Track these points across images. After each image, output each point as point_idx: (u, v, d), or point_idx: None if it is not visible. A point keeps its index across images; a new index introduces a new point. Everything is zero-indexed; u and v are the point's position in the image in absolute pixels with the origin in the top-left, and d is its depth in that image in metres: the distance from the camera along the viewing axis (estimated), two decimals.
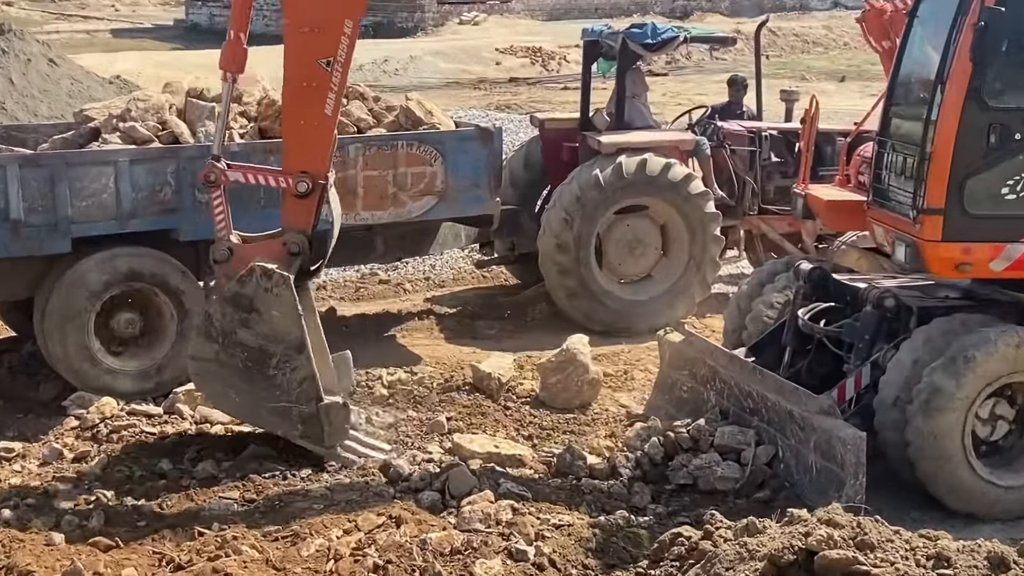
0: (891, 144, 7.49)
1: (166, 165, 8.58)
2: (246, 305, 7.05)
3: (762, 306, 8.38)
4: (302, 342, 7.07)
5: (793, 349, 7.89)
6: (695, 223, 10.64)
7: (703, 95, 22.35)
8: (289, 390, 7.14)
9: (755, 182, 11.39)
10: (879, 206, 7.58)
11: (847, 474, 6.49)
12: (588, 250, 10.49)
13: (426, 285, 12.14)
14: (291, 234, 7.15)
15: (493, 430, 8.04)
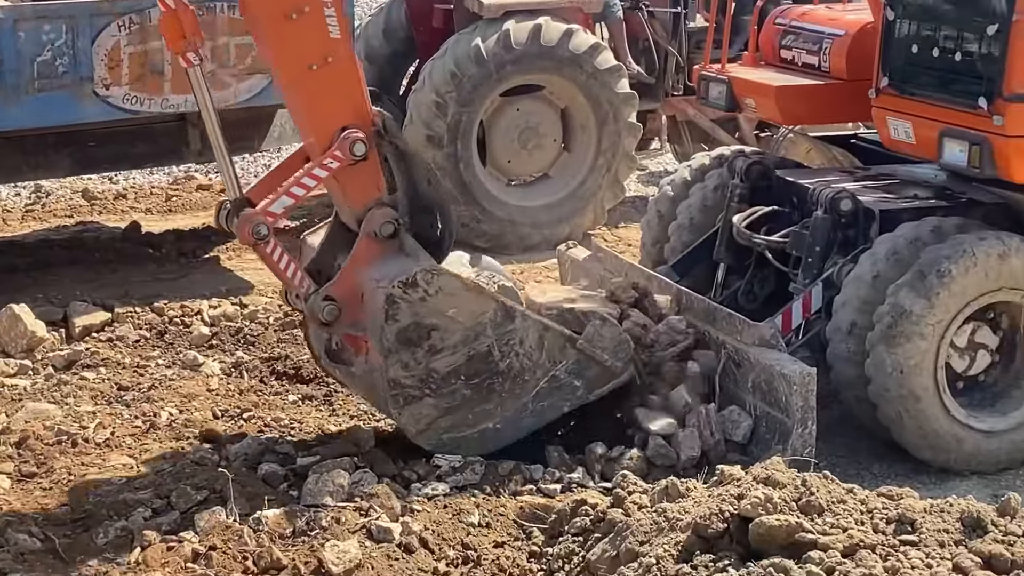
0: (914, 9, 7.50)
1: None
2: (419, 335, 6.70)
3: (688, 212, 8.48)
4: (505, 309, 6.84)
5: (728, 266, 8.01)
6: (605, 107, 10.71)
7: None
8: (536, 363, 6.92)
9: (680, 54, 11.48)
10: (901, 92, 7.58)
11: (793, 421, 6.60)
12: (468, 143, 10.52)
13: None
14: (374, 215, 6.75)
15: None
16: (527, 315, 6.91)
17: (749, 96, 8.45)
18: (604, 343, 6.95)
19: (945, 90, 7.37)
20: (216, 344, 8.63)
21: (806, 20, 8.41)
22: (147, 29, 8.98)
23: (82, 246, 10.50)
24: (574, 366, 6.94)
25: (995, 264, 7.00)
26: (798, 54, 8.32)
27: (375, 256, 6.76)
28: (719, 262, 8.05)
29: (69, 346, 8.52)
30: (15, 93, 8.67)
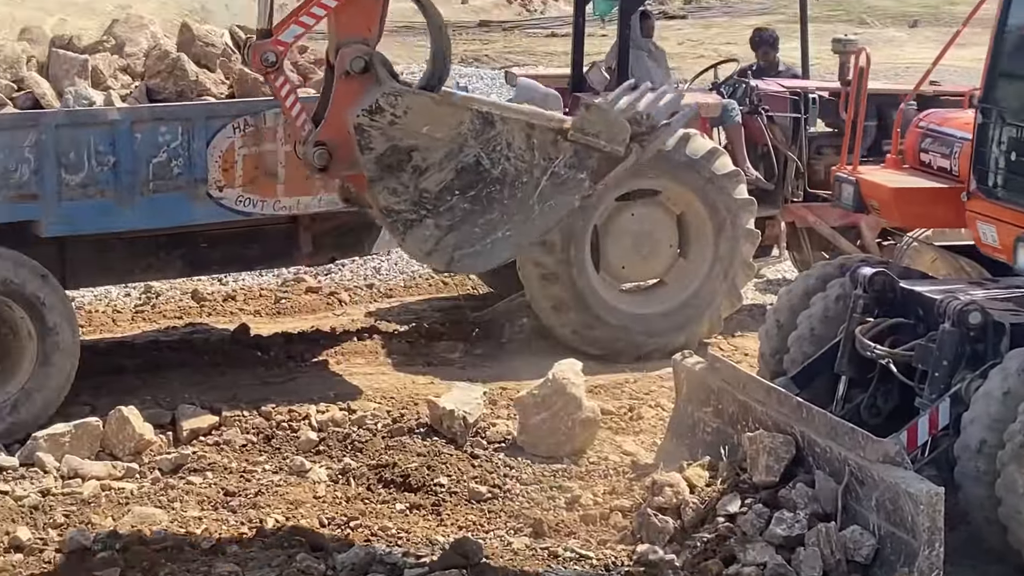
0: (1002, 114, 7.50)
1: (24, 136, 8.57)
2: (399, 158, 6.82)
3: (809, 323, 8.42)
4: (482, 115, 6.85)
5: (850, 379, 7.92)
6: (722, 213, 10.69)
7: (732, 44, 22.45)
8: (530, 163, 6.91)
9: (800, 159, 11.45)
10: (988, 196, 7.57)
11: (919, 542, 6.48)
12: (581, 248, 10.53)
13: (368, 295, 12.17)
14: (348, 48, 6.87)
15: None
16: (507, 117, 6.87)
17: (873, 198, 8.43)
18: (596, 128, 6.88)
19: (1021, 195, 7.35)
20: (323, 450, 8.66)
21: (945, 124, 8.41)
22: (261, 131, 9.11)
23: (191, 348, 10.60)
24: (572, 159, 6.89)
25: None
26: (934, 158, 8.31)
27: (355, 93, 6.83)
28: (841, 375, 7.96)
29: (176, 449, 8.59)
30: (130, 194, 8.81)
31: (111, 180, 8.78)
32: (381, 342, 10.84)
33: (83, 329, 10.00)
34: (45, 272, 8.76)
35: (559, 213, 6.99)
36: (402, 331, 11.15)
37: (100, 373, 9.64)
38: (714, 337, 10.96)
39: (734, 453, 7.65)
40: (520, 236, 6.98)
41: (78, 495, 7.85)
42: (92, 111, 8.84)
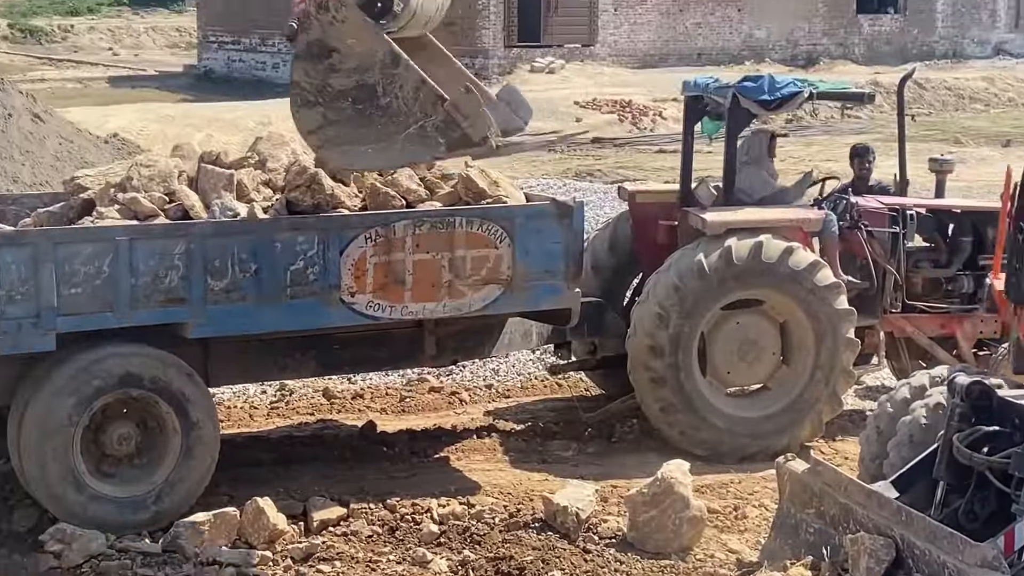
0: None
1: (174, 245, 8.73)
2: (321, 50, 7.81)
3: (908, 429, 8.30)
4: (393, 54, 7.73)
5: (948, 484, 7.77)
6: (823, 322, 10.61)
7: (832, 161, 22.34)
8: (410, 109, 7.77)
9: (898, 272, 11.35)
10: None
11: None
12: (689, 354, 10.48)
13: (487, 395, 12.19)
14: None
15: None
16: (411, 66, 7.78)
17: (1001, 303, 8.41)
18: (466, 111, 7.76)
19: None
20: (444, 542, 8.65)
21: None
22: (391, 242, 9.20)
23: (322, 443, 10.67)
24: (441, 124, 7.78)
25: None
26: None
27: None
28: (939, 480, 7.83)
29: (307, 539, 8.62)
30: (270, 299, 8.93)
31: (253, 286, 8.91)
32: (499, 440, 10.84)
33: (222, 424, 10.10)
34: (190, 371, 8.89)
35: (411, 158, 8.21)
36: (518, 430, 11.15)
37: (238, 465, 9.74)
38: (815, 441, 10.84)
39: (836, 553, 7.55)
40: (376, 159, 8.12)
41: None
42: (236, 222, 9.00)
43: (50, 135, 18.06)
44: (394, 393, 12.04)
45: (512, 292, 9.66)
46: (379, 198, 9.49)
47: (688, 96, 11.69)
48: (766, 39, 42.12)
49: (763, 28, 42.11)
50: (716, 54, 39.92)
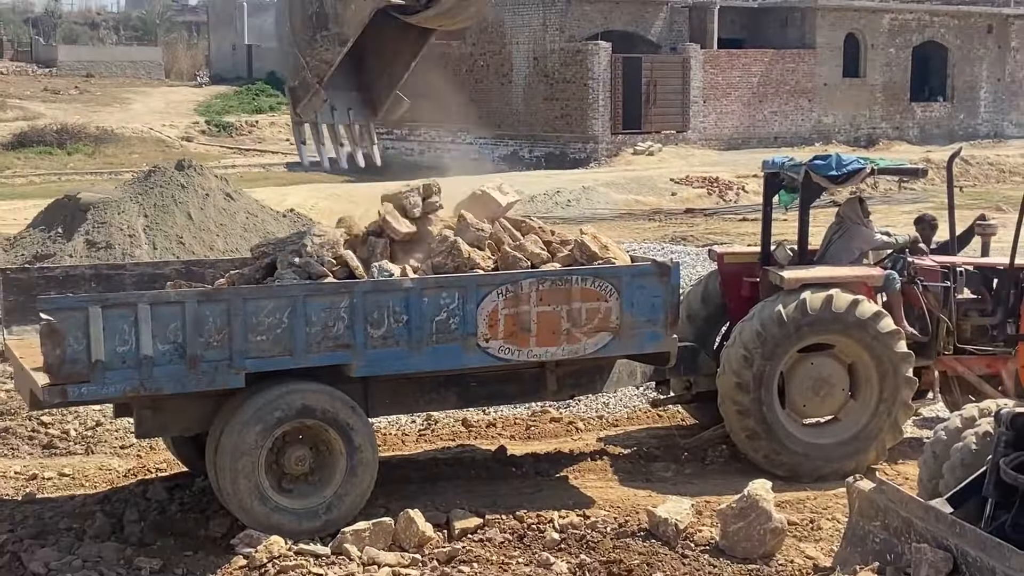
0: None
1: (340, 300, 8.82)
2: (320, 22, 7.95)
3: (960, 454, 8.12)
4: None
5: (996, 501, 7.58)
6: (886, 363, 10.44)
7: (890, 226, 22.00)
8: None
9: (949, 320, 11.13)
10: None
11: None
12: (770, 389, 10.37)
13: (599, 424, 12.13)
14: None
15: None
16: None
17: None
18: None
19: None
20: (564, 548, 8.60)
21: None
22: (519, 296, 9.22)
23: (460, 464, 10.70)
24: None
25: None
26: None
27: None
28: (988, 498, 7.64)
29: (450, 544, 8.63)
30: (419, 344, 8.99)
31: (405, 334, 8.97)
32: (609, 462, 10.78)
33: (380, 448, 10.17)
34: (354, 404, 8.98)
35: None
36: (625, 453, 11.08)
37: (393, 482, 9.80)
38: (879, 464, 10.63)
39: (899, 560, 7.39)
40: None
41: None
42: (391, 281, 9.08)
43: (239, 211, 18.45)
44: (521, 422, 12.04)
45: (620, 338, 9.63)
46: (508, 260, 9.54)
47: (767, 172, 11.61)
48: (832, 124, 41.71)
49: (830, 115, 41.71)
50: (790, 137, 39.60)
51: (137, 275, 10.06)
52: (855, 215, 11.27)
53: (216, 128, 48.97)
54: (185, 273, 10.04)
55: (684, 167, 33.78)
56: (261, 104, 53.34)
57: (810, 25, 41.23)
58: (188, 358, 8.41)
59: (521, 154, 37.73)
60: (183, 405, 8.79)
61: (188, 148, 41.54)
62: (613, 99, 37.05)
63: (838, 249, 11.14)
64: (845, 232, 11.20)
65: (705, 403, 11.20)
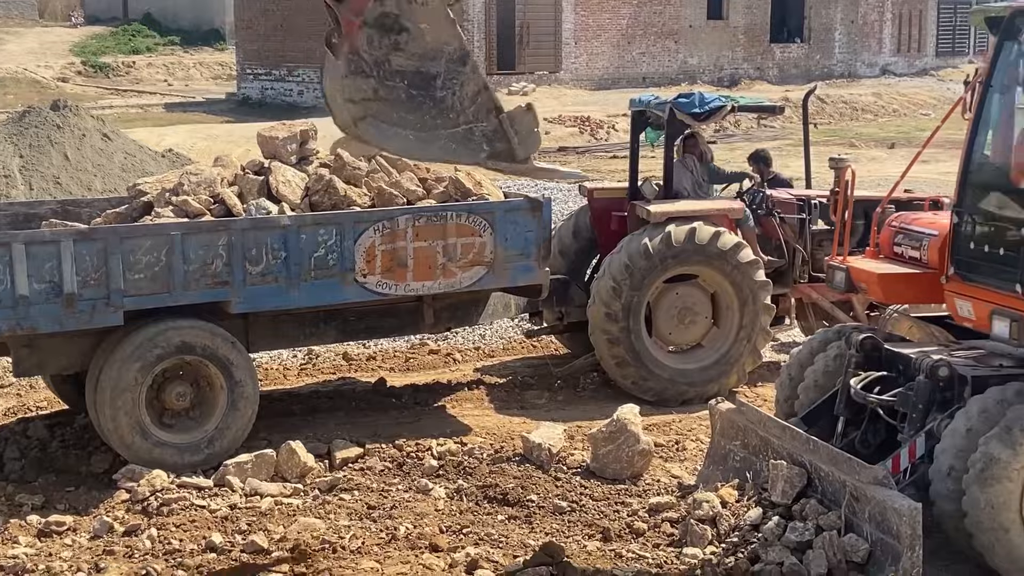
0: (972, 215, 7.39)
1: (218, 238, 8.68)
2: (393, 25, 6.38)
3: (814, 375, 8.32)
4: (464, 51, 6.43)
5: (846, 419, 7.81)
6: (745, 292, 10.62)
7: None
8: (464, 109, 6.54)
9: (805, 250, 11.36)
10: (963, 279, 7.45)
11: (903, 546, 6.38)
12: (638, 319, 10.49)
13: (476, 355, 12.17)
14: None
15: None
16: (478, 69, 6.46)
17: (862, 281, 8.29)
18: (518, 127, 6.50)
19: (994, 278, 7.20)
20: (442, 474, 8.65)
21: (913, 223, 8.29)
22: (396, 232, 9.15)
23: (341, 396, 10.64)
24: (490, 133, 6.53)
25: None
26: (906, 250, 8.17)
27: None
28: (839, 416, 7.85)
29: (331, 474, 8.61)
30: (297, 280, 8.89)
31: (283, 270, 8.87)
32: (485, 391, 10.83)
33: (261, 382, 10.07)
34: (234, 340, 8.86)
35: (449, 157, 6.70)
36: (501, 383, 11.14)
37: (274, 416, 9.72)
38: (740, 387, 10.85)
39: (757, 477, 7.58)
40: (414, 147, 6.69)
41: (257, 508, 7.90)
42: (269, 218, 8.95)
43: (117, 151, 17.93)
44: (400, 355, 12.02)
45: (494, 272, 9.65)
46: (384, 197, 9.45)
47: (634, 111, 11.66)
48: (697, 65, 42.06)
49: (695, 56, 42.05)
50: (658, 78, 39.85)
51: (11, 215, 9.74)
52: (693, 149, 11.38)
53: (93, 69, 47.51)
54: (61, 213, 9.74)
55: (557, 107, 33.78)
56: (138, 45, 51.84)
57: None
58: (65, 297, 8.21)
59: None
60: (61, 344, 8.58)
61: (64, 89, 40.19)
62: (488, 41, 36.85)
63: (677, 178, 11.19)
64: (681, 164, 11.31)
65: (577, 333, 11.29)
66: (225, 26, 52.42)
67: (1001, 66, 7.42)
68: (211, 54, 53.36)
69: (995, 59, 7.44)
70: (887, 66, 47.35)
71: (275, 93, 40.51)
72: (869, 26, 47.35)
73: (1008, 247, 7.08)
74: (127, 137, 19.24)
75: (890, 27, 47.64)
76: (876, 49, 47.48)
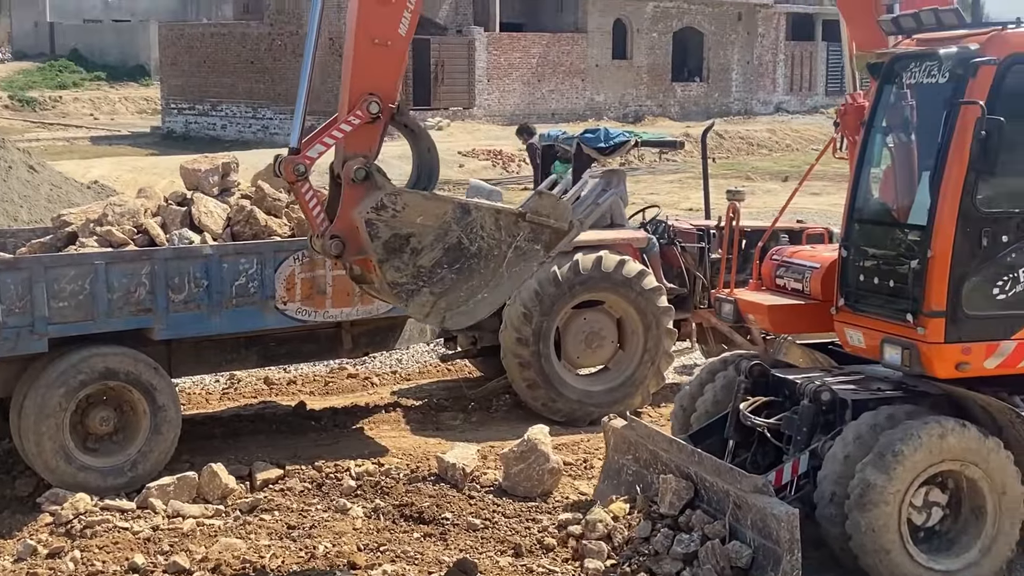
0: (859, 249, 7.43)
1: (141, 267, 8.55)
2: (399, 242, 6.42)
3: (704, 405, 8.28)
4: (461, 206, 6.50)
5: (736, 442, 7.79)
6: (649, 317, 10.70)
7: (654, 195, 22.64)
8: (499, 240, 6.55)
9: (704, 277, 11.49)
10: (853, 310, 7.48)
11: (783, 550, 6.43)
12: (547, 343, 10.51)
13: (393, 378, 12.10)
14: (352, 161, 6.50)
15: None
16: (480, 206, 6.56)
17: (751, 313, 8.30)
18: (547, 211, 6.64)
19: (884, 308, 7.25)
20: (360, 493, 8.56)
21: (794, 257, 8.33)
22: (315, 261, 9.07)
23: (262, 419, 10.51)
24: (530, 235, 6.61)
25: (937, 442, 6.83)
26: (788, 282, 8.19)
27: (359, 196, 6.47)
28: (729, 439, 7.87)
29: (252, 495, 8.47)
30: (219, 307, 8.78)
31: (205, 298, 8.75)
32: (402, 413, 10.77)
33: (184, 406, 9.92)
34: (156, 365, 8.71)
35: (523, 276, 6.76)
36: (417, 405, 11.09)
37: (196, 439, 9.56)
38: (645, 407, 10.92)
39: (648, 489, 7.58)
40: (495, 297, 6.70)
41: (179, 530, 7.75)
42: (191, 248, 8.85)
43: (43, 183, 17.61)
44: (320, 379, 11.92)
45: None
46: (304, 227, 9.38)
47: (544, 145, 11.73)
48: (604, 102, 42.50)
49: (601, 94, 42.48)
50: (566, 114, 40.17)
51: None
52: (608, 182, 11.47)
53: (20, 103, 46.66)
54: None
55: (471, 141, 33.88)
56: (65, 80, 51.07)
57: (582, 11, 41.83)
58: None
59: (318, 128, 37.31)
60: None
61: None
62: (404, 77, 36.95)
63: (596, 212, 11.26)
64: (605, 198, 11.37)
65: (489, 357, 11.28)
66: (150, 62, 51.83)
67: (882, 108, 7.55)
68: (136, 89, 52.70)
69: (876, 102, 7.57)
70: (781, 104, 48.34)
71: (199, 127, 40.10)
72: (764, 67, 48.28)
73: (896, 279, 7.13)
74: (53, 169, 18.92)
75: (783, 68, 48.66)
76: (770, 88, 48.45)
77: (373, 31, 6.51)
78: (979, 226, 6.79)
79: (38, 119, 44.27)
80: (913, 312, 6.93)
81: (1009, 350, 6.97)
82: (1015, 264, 6.87)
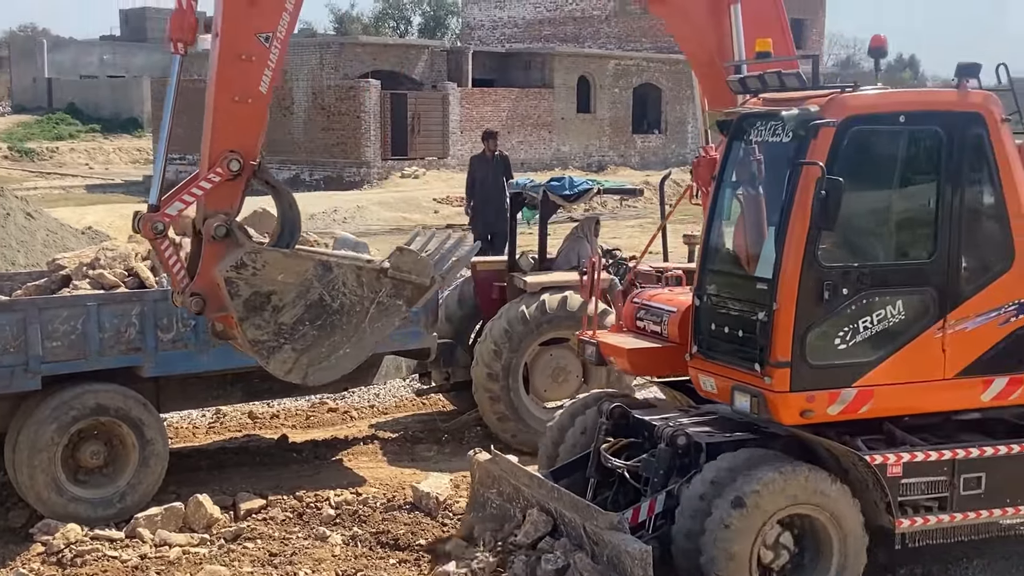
0: (711, 298, 7.26)
1: (132, 308, 8.49)
2: (260, 300, 6.21)
3: (573, 438, 8.04)
4: (323, 263, 6.28)
5: (597, 481, 7.57)
6: None
7: (616, 238, 22.71)
8: (361, 296, 6.35)
9: None
10: (705, 357, 7.28)
11: None
12: (516, 378, 10.48)
13: (371, 412, 12.02)
14: (213, 218, 6.28)
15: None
16: (342, 263, 6.34)
17: (611, 355, 8.04)
18: (408, 267, 6.43)
19: (734, 356, 7.05)
20: (339, 522, 8.48)
21: (652, 300, 8.13)
22: None
23: (246, 452, 10.42)
24: (392, 290, 6.41)
25: (791, 485, 6.70)
26: (648, 324, 7.98)
27: (220, 254, 6.26)
28: (590, 479, 7.62)
29: (236, 524, 8.38)
30: (205, 346, 8.70)
31: (192, 337, 8.69)
32: (379, 445, 10.70)
33: (171, 440, 9.81)
34: (145, 401, 8.63)
35: (385, 331, 6.56)
36: (394, 437, 11.03)
37: (183, 470, 9.45)
38: None
39: (511, 522, 7.41)
40: (358, 352, 6.51)
41: (166, 558, 7.66)
42: None
43: (39, 229, 17.45)
44: (302, 413, 11.83)
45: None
46: None
47: (512, 192, 11.75)
48: (569, 152, 42.74)
49: (567, 144, 42.74)
50: (534, 164, 40.35)
51: None
52: (585, 231, 11.50)
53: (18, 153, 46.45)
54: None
55: (445, 188, 33.97)
56: (61, 132, 50.90)
57: (549, 68, 42.14)
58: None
59: (303, 177, 37.20)
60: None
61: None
62: (383, 129, 36.97)
63: (565, 255, 11.34)
64: (573, 242, 11.43)
65: (462, 391, 11.24)
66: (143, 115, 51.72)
67: (731, 163, 7.36)
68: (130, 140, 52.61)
69: (726, 157, 7.38)
70: None
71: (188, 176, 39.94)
72: None
73: (745, 328, 6.93)
74: (49, 216, 18.77)
75: None
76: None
77: (234, 88, 6.26)
78: (821, 279, 6.62)
79: (36, 169, 44.06)
80: (760, 362, 6.75)
81: (850, 397, 6.78)
82: (855, 315, 6.71)
